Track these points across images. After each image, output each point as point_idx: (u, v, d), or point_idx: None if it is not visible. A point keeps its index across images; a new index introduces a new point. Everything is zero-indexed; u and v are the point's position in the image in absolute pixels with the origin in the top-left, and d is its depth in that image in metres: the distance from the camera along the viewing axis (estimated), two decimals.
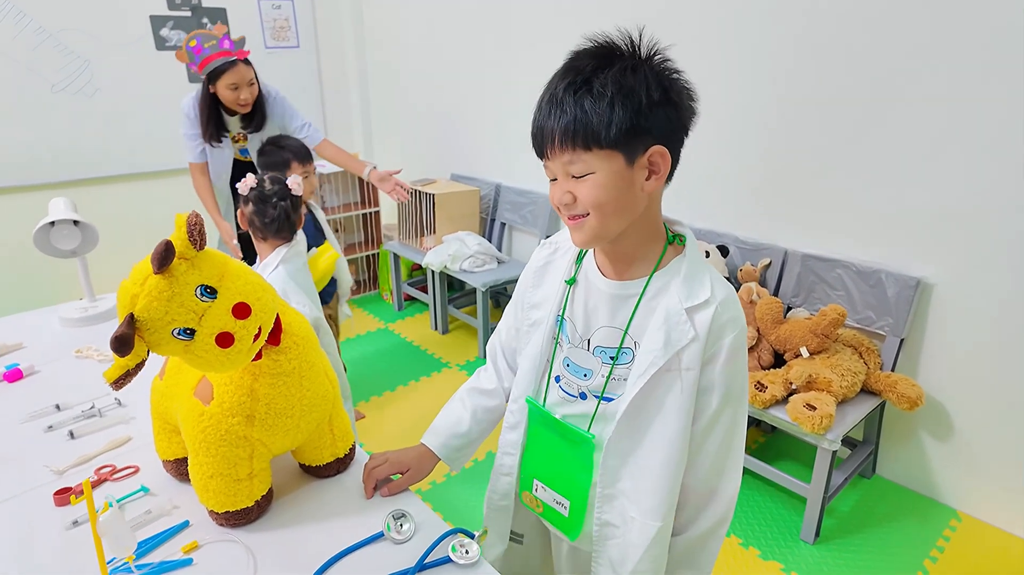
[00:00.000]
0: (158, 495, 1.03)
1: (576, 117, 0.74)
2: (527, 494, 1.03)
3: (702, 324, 0.81)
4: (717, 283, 0.83)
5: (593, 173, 0.76)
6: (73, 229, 1.56)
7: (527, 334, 0.99)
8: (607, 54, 0.76)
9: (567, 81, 0.75)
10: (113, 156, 3.36)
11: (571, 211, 0.80)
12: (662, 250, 0.85)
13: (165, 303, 0.70)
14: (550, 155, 0.78)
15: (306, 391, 0.92)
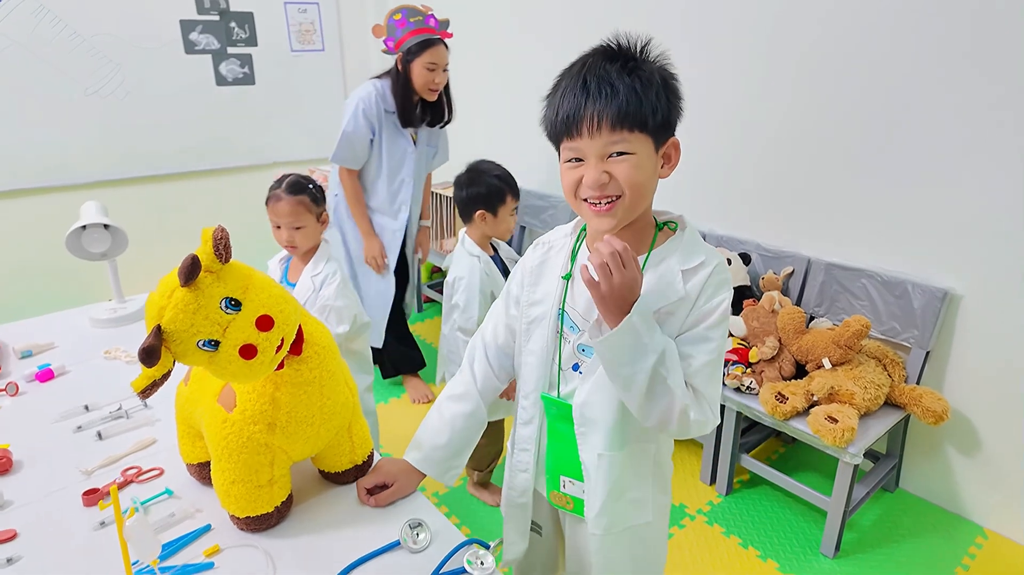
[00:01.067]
0: (182, 498, 1.05)
1: (629, 98, 0.78)
2: (555, 494, 1.05)
3: (695, 284, 0.87)
4: (711, 252, 0.90)
5: (634, 154, 0.81)
6: (104, 232, 1.60)
7: (527, 331, 1.01)
8: (628, 53, 0.83)
9: (618, 63, 0.80)
10: (143, 158, 3.43)
11: (605, 191, 0.82)
12: (653, 235, 0.91)
13: (191, 315, 0.72)
14: (590, 134, 0.80)
15: (326, 399, 0.94)
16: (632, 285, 0.80)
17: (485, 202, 1.85)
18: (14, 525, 0.98)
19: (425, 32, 2.14)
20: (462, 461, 1.10)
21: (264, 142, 3.80)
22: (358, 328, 1.74)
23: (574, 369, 0.98)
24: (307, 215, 1.64)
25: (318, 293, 1.67)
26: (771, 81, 2.20)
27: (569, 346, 0.97)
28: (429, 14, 2.19)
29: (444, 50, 2.20)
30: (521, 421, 1.06)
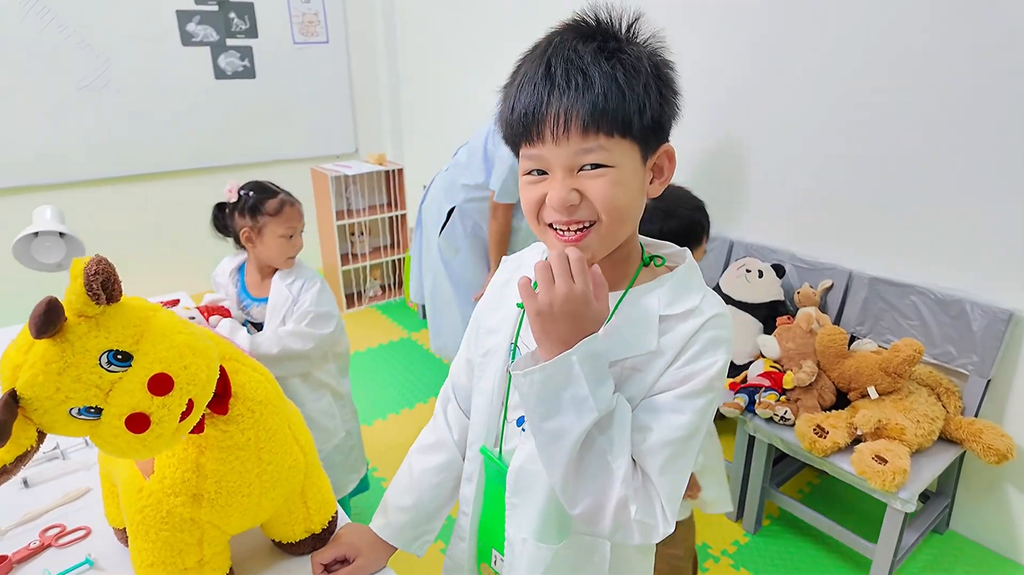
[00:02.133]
0: (104, 571, 0.87)
1: (607, 93, 0.58)
2: (485, 567, 0.85)
3: (677, 336, 0.66)
4: (710, 299, 0.69)
5: (613, 167, 0.62)
6: (58, 241, 1.43)
7: (481, 366, 0.80)
8: (609, 31, 0.62)
9: (594, 44, 0.59)
10: (137, 155, 3.29)
11: (574, 215, 0.63)
12: (636, 270, 0.72)
13: (55, 376, 0.53)
14: (555, 139, 0.60)
15: (266, 465, 0.75)
16: (579, 305, 0.59)
17: (680, 241, 1.47)
18: None
19: None
20: (436, 526, 0.90)
21: (265, 139, 3.65)
22: (339, 332, 1.67)
23: (518, 424, 0.77)
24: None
25: (296, 301, 1.53)
26: (811, 74, 1.98)
27: (516, 396, 0.76)
28: None
29: None
30: (464, 476, 0.86)
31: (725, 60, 2.18)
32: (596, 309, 0.61)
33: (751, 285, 2.06)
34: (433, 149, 3.80)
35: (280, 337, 1.51)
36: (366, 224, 3.59)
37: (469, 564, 0.86)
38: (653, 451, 0.64)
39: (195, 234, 3.03)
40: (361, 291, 3.68)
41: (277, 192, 1.53)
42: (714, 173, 2.33)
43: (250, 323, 1.63)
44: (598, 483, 0.62)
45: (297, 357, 1.54)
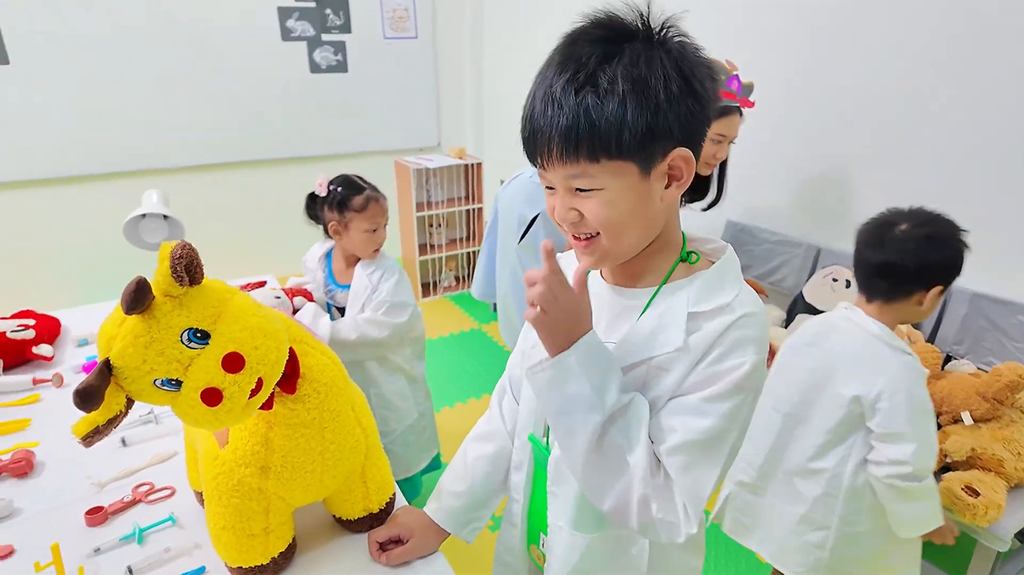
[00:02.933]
0: (184, 528, 0.95)
1: (579, 122, 0.60)
2: (534, 549, 0.88)
3: (706, 335, 0.65)
4: (745, 297, 0.68)
5: (601, 189, 0.64)
6: (162, 222, 1.56)
7: (529, 357, 0.81)
8: (612, 37, 0.62)
9: (566, 75, 0.61)
10: (236, 144, 3.51)
11: (578, 230, 0.67)
12: (672, 265, 0.71)
13: (143, 350, 0.59)
14: (546, 165, 0.65)
15: (328, 444, 0.79)
16: (564, 312, 0.64)
17: (945, 276, 1.19)
18: (15, 539, 0.91)
19: (724, 97, 1.66)
20: (486, 513, 0.93)
21: (353, 131, 3.79)
22: (415, 319, 1.72)
23: None
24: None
25: (375, 290, 1.60)
26: (911, 64, 1.84)
27: None
28: (734, 75, 1.72)
29: (738, 121, 1.70)
30: (513, 464, 0.89)
31: (811, 45, 2.06)
32: (583, 309, 0.66)
33: (837, 295, 1.95)
34: (512, 145, 3.81)
35: (358, 324, 1.58)
36: (444, 216, 3.67)
37: (519, 547, 0.90)
38: (675, 451, 0.65)
39: (284, 220, 3.21)
40: (436, 281, 3.77)
41: (363, 188, 1.59)
42: (796, 172, 2.21)
43: (334, 307, 1.71)
44: (617, 480, 0.65)
45: (373, 344, 1.61)
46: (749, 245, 2.41)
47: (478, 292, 2.59)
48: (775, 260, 2.33)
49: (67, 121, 3.05)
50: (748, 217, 2.43)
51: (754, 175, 2.32)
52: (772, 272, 2.34)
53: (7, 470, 1.05)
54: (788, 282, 2.28)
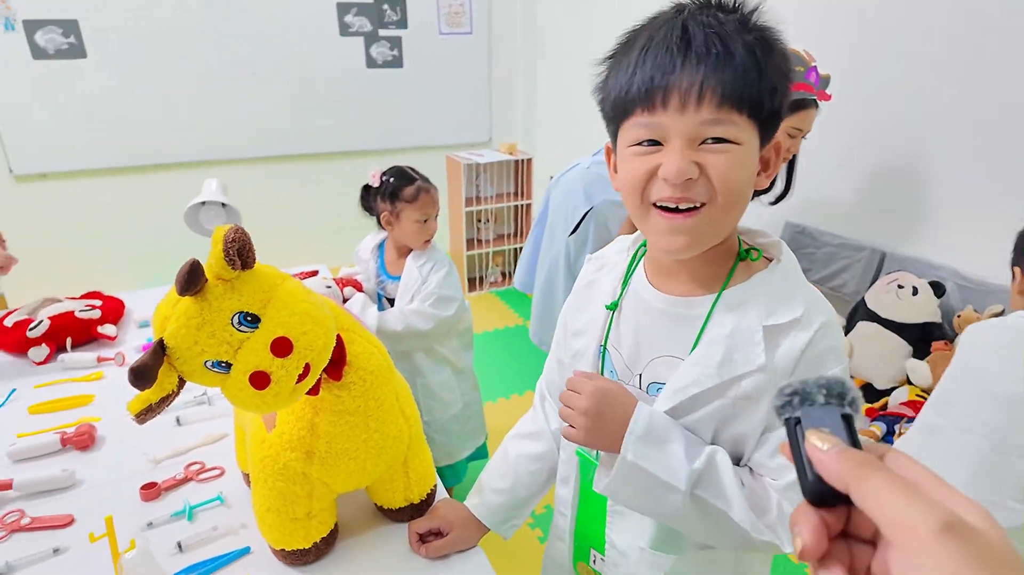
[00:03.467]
0: (232, 507, 0.97)
1: (747, 67, 0.56)
2: (583, 566, 0.85)
3: (788, 352, 0.62)
4: (815, 302, 0.64)
5: (739, 145, 0.58)
6: (221, 210, 1.60)
7: (569, 368, 0.79)
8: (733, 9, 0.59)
9: (734, 15, 0.57)
10: (294, 136, 3.59)
11: (688, 191, 0.59)
12: (732, 265, 0.67)
13: (194, 331, 0.60)
14: (681, 106, 0.57)
15: (372, 432, 0.79)
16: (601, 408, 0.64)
17: None
18: (75, 509, 0.95)
19: (801, 89, 1.57)
20: (526, 511, 0.92)
21: (407, 126, 3.83)
22: (462, 312, 1.74)
23: None
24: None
25: (424, 282, 1.60)
26: (988, 61, 1.72)
27: None
28: (812, 66, 1.62)
29: (814, 114, 1.61)
30: (559, 478, 0.86)
31: (880, 41, 1.95)
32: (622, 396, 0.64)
33: (902, 303, 1.85)
34: (563, 142, 3.79)
35: (405, 315, 1.59)
36: (492, 212, 3.67)
37: (567, 563, 0.87)
38: (793, 487, 0.62)
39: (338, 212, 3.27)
40: (483, 276, 3.77)
41: (415, 179, 1.60)
42: (862, 171, 2.11)
43: (384, 298, 1.74)
44: (729, 535, 0.64)
45: (419, 335, 1.62)
46: (809, 248, 2.31)
47: (520, 282, 2.58)
48: (836, 264, 2.23)
49: (136, 113, 3.19)
50: (809, 218, 2.33)
51: (816, 173, 2.23)
52: (833, 276, 2.24)
53: (71, 442, 1.09)
54: (849, 288, 2.18)
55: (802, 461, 0.33)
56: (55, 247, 3.24)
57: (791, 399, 0.36)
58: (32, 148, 3.06)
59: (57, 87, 3.00)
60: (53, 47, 2.95)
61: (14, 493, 0.98)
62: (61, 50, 2.97)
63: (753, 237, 0.71)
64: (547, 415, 0.92)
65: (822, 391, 0.36)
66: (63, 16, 2.92)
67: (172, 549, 0.88)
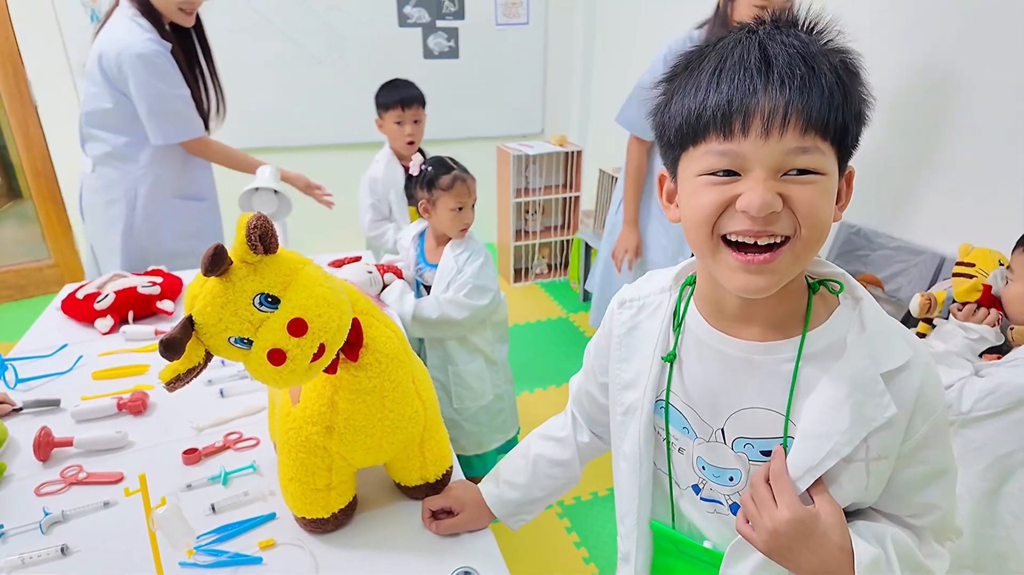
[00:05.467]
0: (264, 476, 1.04)
1: (833, 90, 0.52)
2: None
3: (906, 399, 0.58)
4: (912, 339, 0.61)
5: (825, 176, 0.54)
6: (272, 196, 1.69)
7: (621, 425, 0.75)
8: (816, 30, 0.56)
9: (819, 41, 0.54)
10: (353, 125, 3.70)
11: (770, 226, 0.54)
12: (807, 301, 0.62)
13: (219, 309, 0.65)
14: (765, 133, 0.52)
15: (388, 412, 0.83)
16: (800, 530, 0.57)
17: None
18: (125, 467, 1.04)
19: None
20: (537, 509, 0.94)
21: (461, 116, 3.88)
22: (497, 303, 1.76)
23: (695, 491, 0.72)
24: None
25: (460, 271, 1.64)
26: None
27: (684, 456, 0.71)
28: None
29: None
30: (620, 555, 0.81)
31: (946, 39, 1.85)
32: (824, 522, 0.57)
33: None
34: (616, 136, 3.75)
35: (440, 303, 1.64)
36: (540, 203, 3.69)
37: None
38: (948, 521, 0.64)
39: None
40: (528, 267, 3.80)
41: (452, 168, 1.64)
42: (922, 172, 2.01)
43: (422, 286, 1.79)
44: None
45: (453, 324, 1.66)
46: (864, 250, 2.22)
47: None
48: (892, 267, 2.14)
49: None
50: (864, 219, 2.24)
51: (874, 174, 2.14)
52: (888, 280, 2.15)
53: (126, 407, 1.19)
54: (905, 292, 2.08)
55: None
56: None
57: None
58: None
59: None
60: None
61: (75, 450, 1.08)
62: None
63: (814, 266, 0.66)
64: (576, 426, 0.92)
65: None
66: None
67: (206, 510, 0.95)
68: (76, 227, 3.42)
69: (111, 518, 0.94)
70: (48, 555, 0.86)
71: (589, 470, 0.94)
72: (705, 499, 0.71)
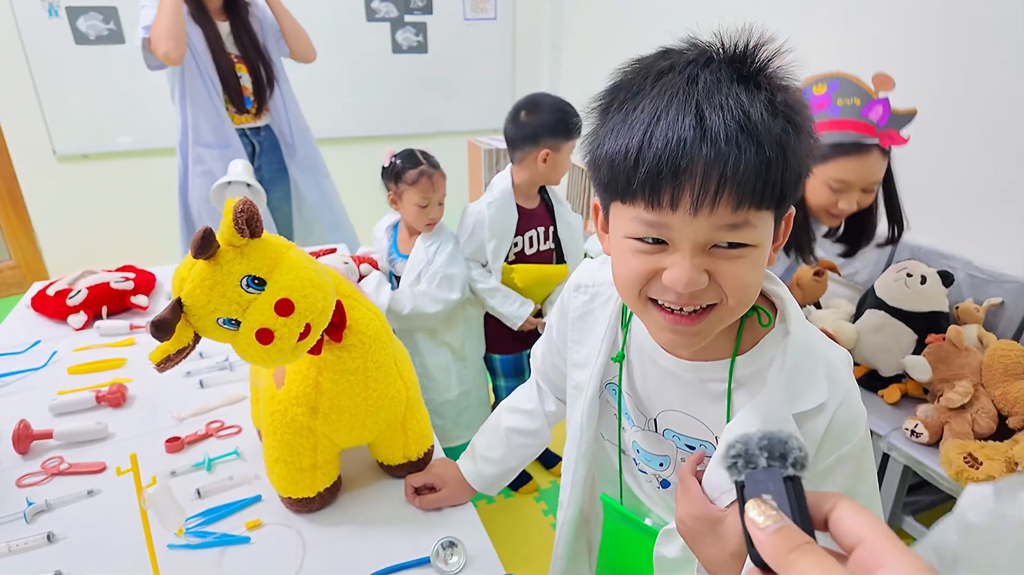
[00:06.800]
0: (247, 461, 1.06)
1: (770, 161, 0.48)
2: None
3: (813, 435, 0.59)
4: (834, 377, 0.60)
5: (756, 247, 0.52)
6: (245, 190, 1.69)
7: (572, 397, 0.81)
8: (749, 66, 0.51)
9: (749, 88, 0.48)
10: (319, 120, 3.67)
11: (694, 301, 0.53)
12: (739, 327, 0.62)
13: (208, 291, 0.67)
14: (695, 208, 0.49)
15: (371, 391, 0.87)
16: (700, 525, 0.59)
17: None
18: (106, 458, 1.05)
19: (860, 131, 1.23)
20: (513, 475, 0.99)
21: (430, 111, 3.89)
22: (471, 297, 1.77)
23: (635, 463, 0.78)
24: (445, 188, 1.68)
25: (431, 262, 1.66)
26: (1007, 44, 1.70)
27: (626, 438, 0.78)
28: (878, 98, 1.25)
29: (872, 163, 1.26)
30: (561, 503, 0.87)
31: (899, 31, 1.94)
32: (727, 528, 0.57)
33: (911, 291, 1.86)
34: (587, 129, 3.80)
35: (415, 296, 1.66)
36: None
37: None
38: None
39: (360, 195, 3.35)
40: None
41: (420, 163, 1.64)
42: None
43: (394, 276, 1.81)
44: None
45: (424, 317, 1.68)
46: None
47: None
48: None
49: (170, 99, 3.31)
50: None
51: None
52: (845, 265, 2.24)
53: (105, 399, 1.19)
54: (861, 276, 2.18)
55: (746, 528, 0.33)
56: (94, 224, 3.40)
57: (735, 462, 0.35)
58: (74, 130, 3.21)
59: (98, 72, 3.14)
60: (94, 33, 3.08)
61: (54, 442, 1.08)
62: (102, 36, 3.10)
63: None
64: (542, 396, 0.96)
65: (764, 454, 0.34)
66: (103, 3, 3.05)
67: (192, 494, 0.97)
68: (38, 227, 3.35)
69: (97, 506, 0.95)
70: (34, 543, 0.87)
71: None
72: (640, 471, 0.78)
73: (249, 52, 2.14)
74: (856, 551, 0.31)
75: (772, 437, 0.35)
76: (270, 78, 2.20)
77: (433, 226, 1.70)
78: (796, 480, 0.34)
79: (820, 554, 0.30)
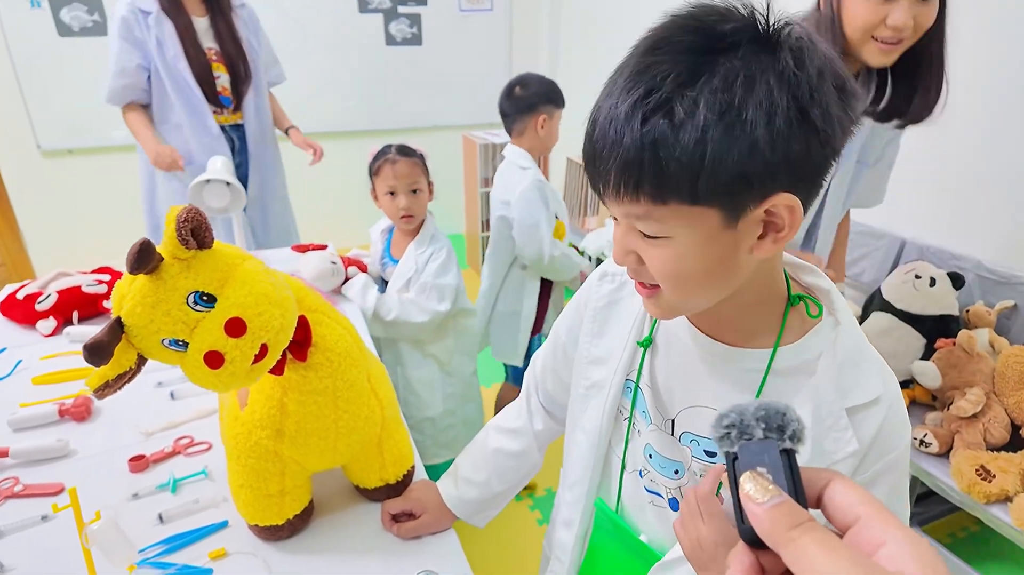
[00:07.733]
0: (216, 481, 0.99)
1: (643, 156, 0.47)
2: None
3: (867, 433, 0.55)
4: (885, 372, 0.58)
5: (668, 238, 0.51)
6: (224, 188, 1.62)
7: (583, 399, 0.74)
8: (704, 47, 0.46)
9: (636, 94, 0.47)
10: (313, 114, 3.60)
11: (638, 276, 0.56)
12: (783, 315, 0.58)
13: (150, 309, 0.60)
14: (604, 197, 0.53)
15: (342, 413, 0.80)
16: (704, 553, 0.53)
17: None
18: (66, 478, 0.98)
19: None
20: (501, 503, 0.91)
21: (425, 104, 3.82)
22: (462, 309, 1.69)
23: (640, 476, 0.71)
24: (422, 178, 1.59)
25: (420, 272, 1.58)
26: None
27: (639, 439, 0.70)
28: None
29: None
30: (561, 520, 0.81)
31: None
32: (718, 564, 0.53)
33: (919, 294, 1.78)
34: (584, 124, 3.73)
35: (402, 303, 1.58)
36: None
37: None
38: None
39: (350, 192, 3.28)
40: None
41: (387, 152, 1.56)
42: None
43: (384, 280, 1.73)
44: None
45: (412, 326, 1.59)
46: None
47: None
48: (855, 252, 2.16)
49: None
50: None
51: None
52: (851, 265, 2.17)
53: (69, 413, 1.13)
54: (867, 276, 2.11)
55: (738, 501, 0.31)
56: (79, 220, 3.33)
57: (729, 432, 0.34)
58: (59, 124, 3.13)
59: (82, 64, 3.06)
60: (78, 24, 3.00)
61: (10, 461, 1.01)
62: (86, 27, 3.02)
63: (798, 272, 0.62)
64: (532, 414, 0.89)
65: (760, 424, 0.33)
66: None
67: (153, 520, 0.90)
68: (24, 226, 3.27)
69: (51, 532, 0.89)
70: None
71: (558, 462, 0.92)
72: (647, 490, 0.71)
73: (228, 48, 2.05)
74: (854, 528, 0.30)
75: (769, 407, 0.34)
76: (248, 75, 2.11)
77: (410, 220, 1.59)
78: (791, 454, 0.32)
79: (823, 532, 0.28)
